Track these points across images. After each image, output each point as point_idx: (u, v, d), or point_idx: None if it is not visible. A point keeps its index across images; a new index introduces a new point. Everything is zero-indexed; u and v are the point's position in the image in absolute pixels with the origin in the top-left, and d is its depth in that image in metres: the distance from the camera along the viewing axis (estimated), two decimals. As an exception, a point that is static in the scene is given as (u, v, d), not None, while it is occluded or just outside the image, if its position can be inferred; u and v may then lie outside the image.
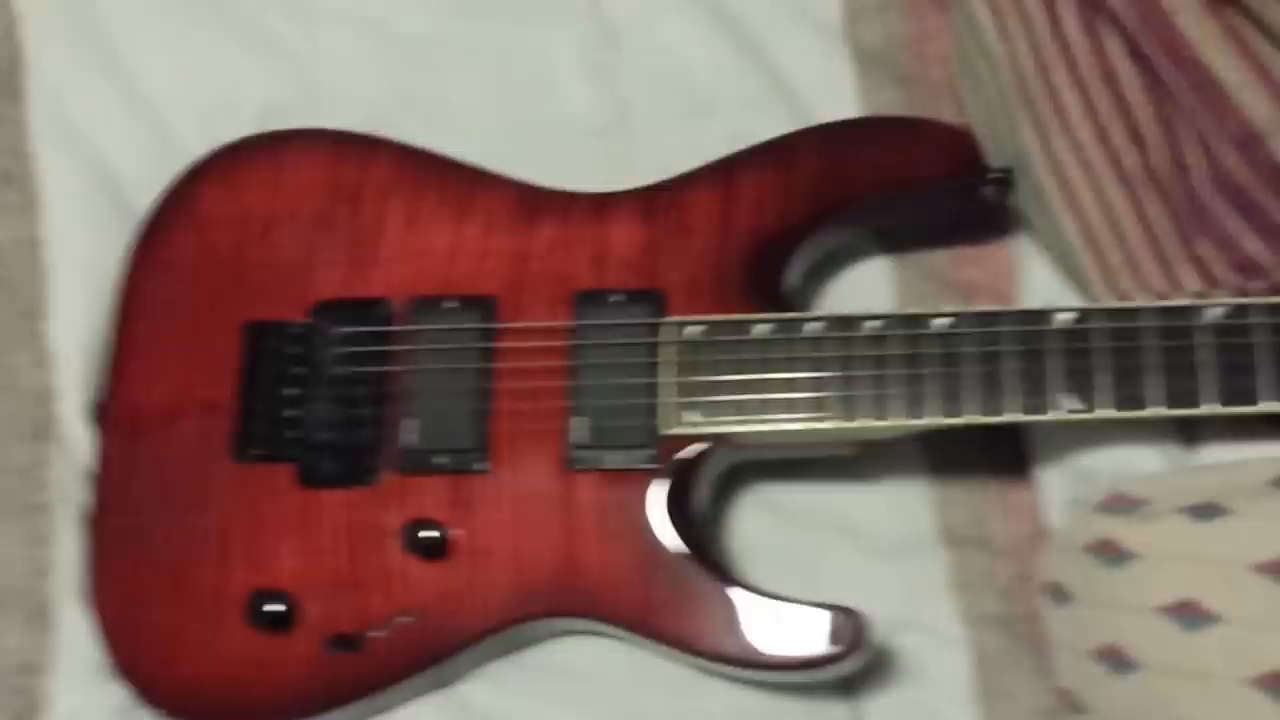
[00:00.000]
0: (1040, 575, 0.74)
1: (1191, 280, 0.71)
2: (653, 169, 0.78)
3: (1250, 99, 0.66)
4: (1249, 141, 0.67)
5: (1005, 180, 0.75)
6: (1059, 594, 0.72)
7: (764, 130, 0.80)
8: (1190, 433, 0.73)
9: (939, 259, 0.82)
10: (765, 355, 0.71)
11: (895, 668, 0.75)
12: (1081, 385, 0.67)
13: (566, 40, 0.86)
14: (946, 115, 0.82)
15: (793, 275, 0.76)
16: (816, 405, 0.70)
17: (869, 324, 0.70)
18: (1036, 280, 0.78)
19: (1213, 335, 0.66)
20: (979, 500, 0.78)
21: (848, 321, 0.70)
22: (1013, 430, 0.77)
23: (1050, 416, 0.67)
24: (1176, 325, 0.66)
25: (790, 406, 0.70)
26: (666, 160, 0.79)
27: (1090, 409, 0.67)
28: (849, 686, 0.75)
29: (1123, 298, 0.72)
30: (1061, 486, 0.75)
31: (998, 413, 0.68)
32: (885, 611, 0.74)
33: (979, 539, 0.77)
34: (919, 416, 0.69)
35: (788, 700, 0.75)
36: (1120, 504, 0.70)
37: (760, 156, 0.76)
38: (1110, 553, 0.68)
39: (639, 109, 0.86)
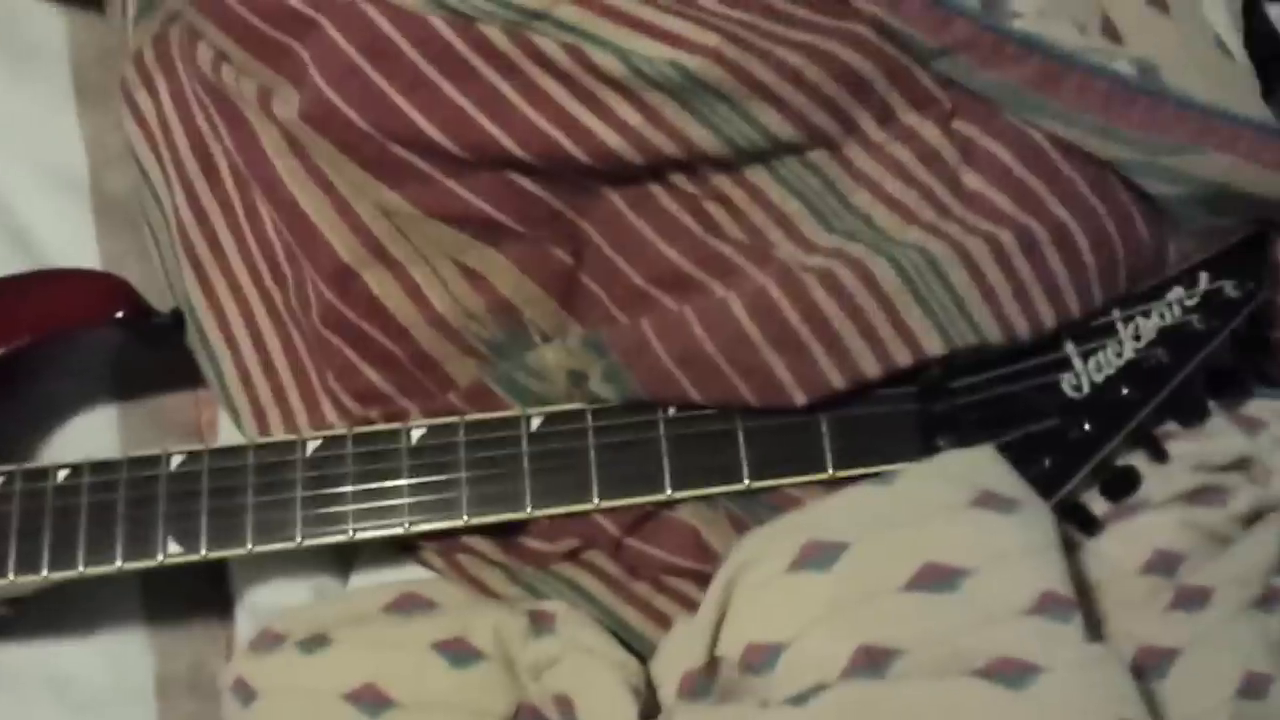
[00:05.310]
0: (221, 722, 0.73)
1: (330, 413, 0.72)
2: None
3: (336, 236, 0.68)
4: (342, 275, 0.69)
5: (174, 323, 0.75)
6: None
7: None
8: (348, 561, 0.73)
9: (179, 401, 0.82)
10: None
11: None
12: (186, 528, 0.67)
13: None
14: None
15: None
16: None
17: (-6, 480, 0.68)
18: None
19: (308, 468, 0.67)
20: (200, 643, 0.77)
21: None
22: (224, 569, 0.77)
23: (158, 562, 0.67)
24: (272, 461, 0.67)
25: None
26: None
27: (194, 551, 0.67)
28: None
29: (267, 434, 0.72)
30: (247, 626, 0.74)
31: (110, 562, 0.67)
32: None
33: (195, 684, 0.76)
34: (35, 572, 0.67)
35: None
36: (263, 641, 0.69)
37: None
38: (244, 692, 0.68)
39: None
